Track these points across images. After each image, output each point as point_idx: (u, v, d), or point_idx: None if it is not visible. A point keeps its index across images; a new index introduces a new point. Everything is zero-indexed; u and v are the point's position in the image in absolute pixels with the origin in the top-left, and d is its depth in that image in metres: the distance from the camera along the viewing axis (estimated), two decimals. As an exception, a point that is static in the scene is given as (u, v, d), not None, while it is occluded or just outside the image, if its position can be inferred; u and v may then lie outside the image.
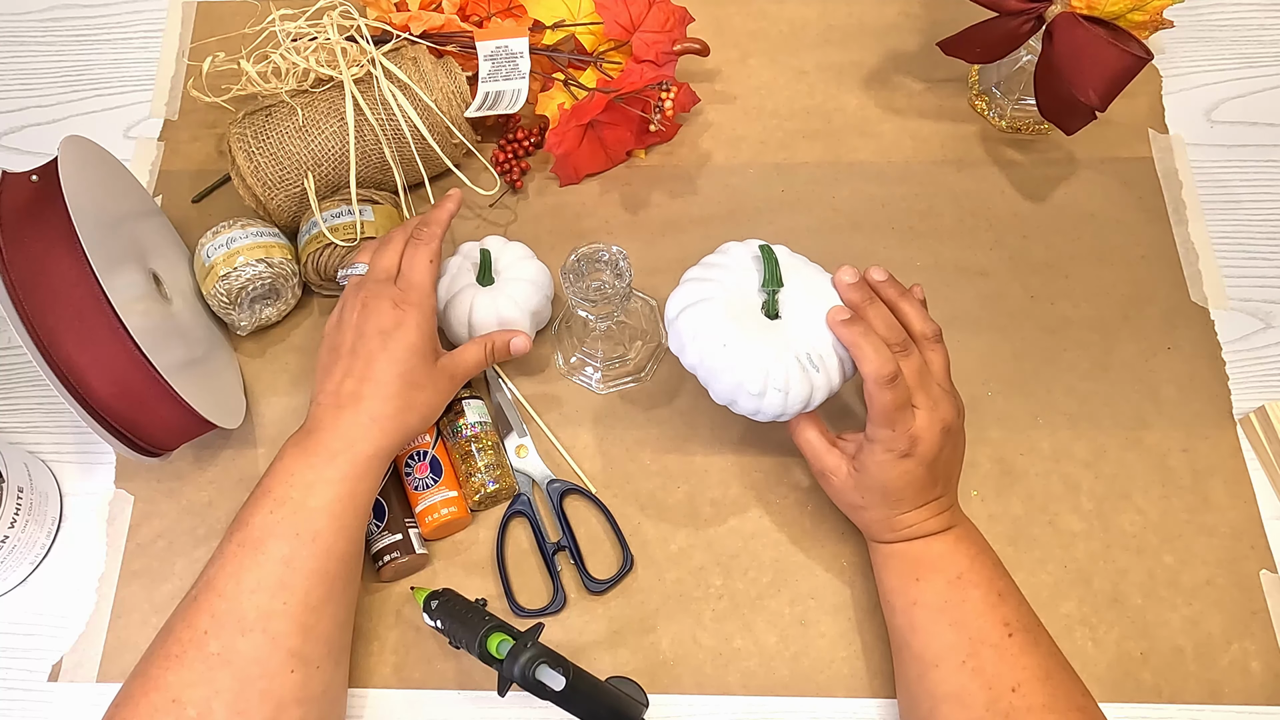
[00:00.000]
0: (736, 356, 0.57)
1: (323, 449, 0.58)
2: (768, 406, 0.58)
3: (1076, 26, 0.67)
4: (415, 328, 0.62)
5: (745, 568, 0.66)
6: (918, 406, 0.57)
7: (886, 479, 0.58)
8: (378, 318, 0.61)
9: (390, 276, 0.64)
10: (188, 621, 0.54)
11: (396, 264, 0.64)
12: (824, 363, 0.58)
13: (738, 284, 0.59)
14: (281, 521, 0.55)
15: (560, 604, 0.64)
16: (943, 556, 0.58)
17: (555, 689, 0.54)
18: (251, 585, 0.54)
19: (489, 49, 0.74)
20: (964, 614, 0.56)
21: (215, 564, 0.56)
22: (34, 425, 0.73)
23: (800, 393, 0.57)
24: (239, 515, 0.57)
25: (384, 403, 0.60)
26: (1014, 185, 0.78)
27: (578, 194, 0.79)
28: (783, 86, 0.83)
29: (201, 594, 0.55)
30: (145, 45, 0.88)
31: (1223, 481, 0.67)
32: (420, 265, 0.64)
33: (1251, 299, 0.73)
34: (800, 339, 0.58)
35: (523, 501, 0.67)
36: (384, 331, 0.61)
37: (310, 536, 0.55)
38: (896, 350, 0.57)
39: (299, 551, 0.55)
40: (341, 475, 0.57)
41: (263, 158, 0.71)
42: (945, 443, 0.57)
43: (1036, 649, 0.55)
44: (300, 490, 0.56)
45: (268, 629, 0.53)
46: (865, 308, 0.58)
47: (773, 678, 0.63)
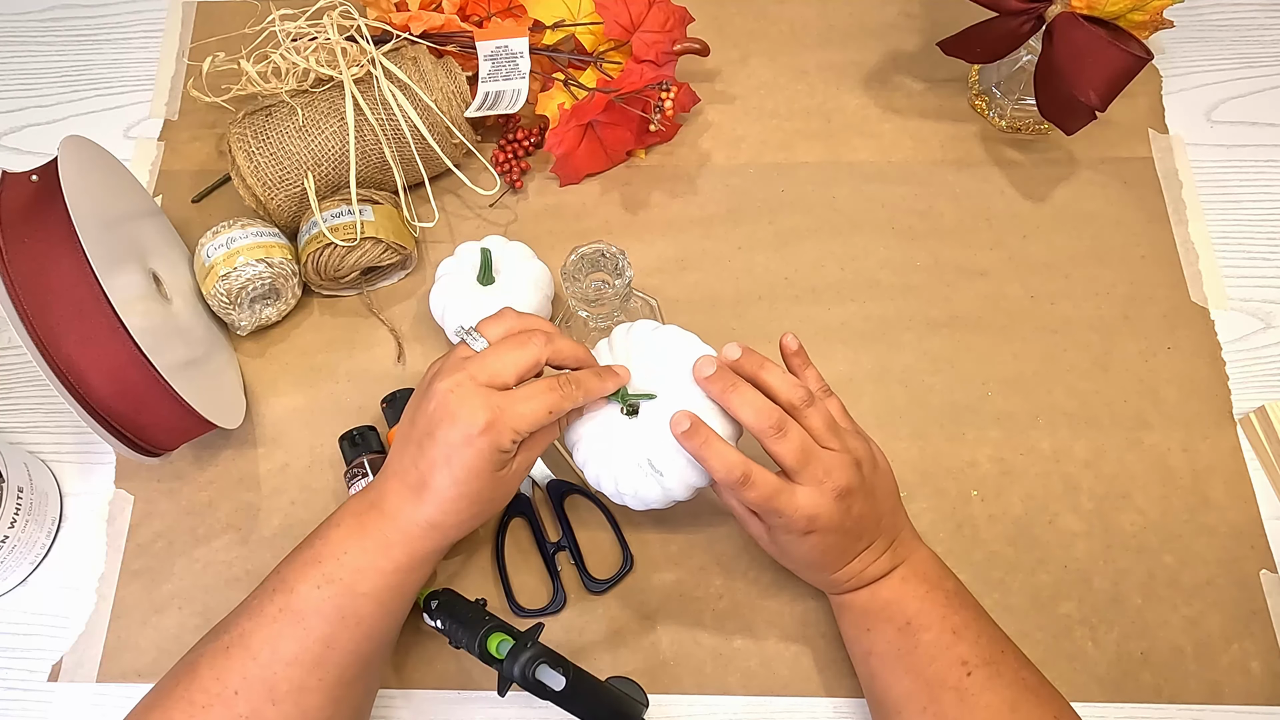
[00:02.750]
0: (587, 458, 0.58)
1: (380, 535, 0.54)
2: (629, 503, 0.58)
3: (1076, 26, 0.67)
4: (485, 456, 0.52)
5: (745, 568, 0.66)
6: (802, 483, 0.53)
7: (801, 553, 0.56)
8: (451, 429, 0.52)
9: (496, 385, 0.53)
10: (217, 673, 0.52)
11: (513, 375, 0.54)
12: (669, 466, 0.55)
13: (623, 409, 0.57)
14: (328, 600, 0.53)
15: (560, 604, 0.64)
16: (889, 604, 0.57)
17: (555, 689, 0.54)
18: (288, 658, 0.52)
19: (489, 49, 0.74)
20: (918, 660, 0.55)
21: (252, 619, 0.53)
22: (34, 425, 0.73)
23: (652, 495, 0.56)
24: (283, 572, 0.54)
25: (443, 513, 0.54)
26: (1014, 185, 0.78)
27: (578, 194, 0.79)
28: (783, 86, 0.83)
29: (235, 648, 0.53)
30: (145, 45, 0.88)
31: (1223, 481, 0.67)
32: (536, 410, 0.53)
33: (1251, 299, 0.73)
34: (646, 443, 0.55)
35: (523, 501, 0.67)
36: (451, 446, 0.53)
37: (355, 621, 0.53)
38: (772, 433, 0.53)
39: (340, 634, 0.53)
40: (395, 567, 0.54)
41: (263, 158, 0.71)
42: (850, 504, 0.54)
43: (999, 682, 0.54)
44: (350, 573, 0.53)
45: (299, 703, 0.52)
46: (730, 396, 0.54)
47: (773, 678, 0.63)
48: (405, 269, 0.76)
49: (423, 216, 0.77)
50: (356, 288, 0.75)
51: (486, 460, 0.53)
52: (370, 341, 0.74)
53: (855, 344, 0.72)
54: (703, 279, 0.74)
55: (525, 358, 0.54)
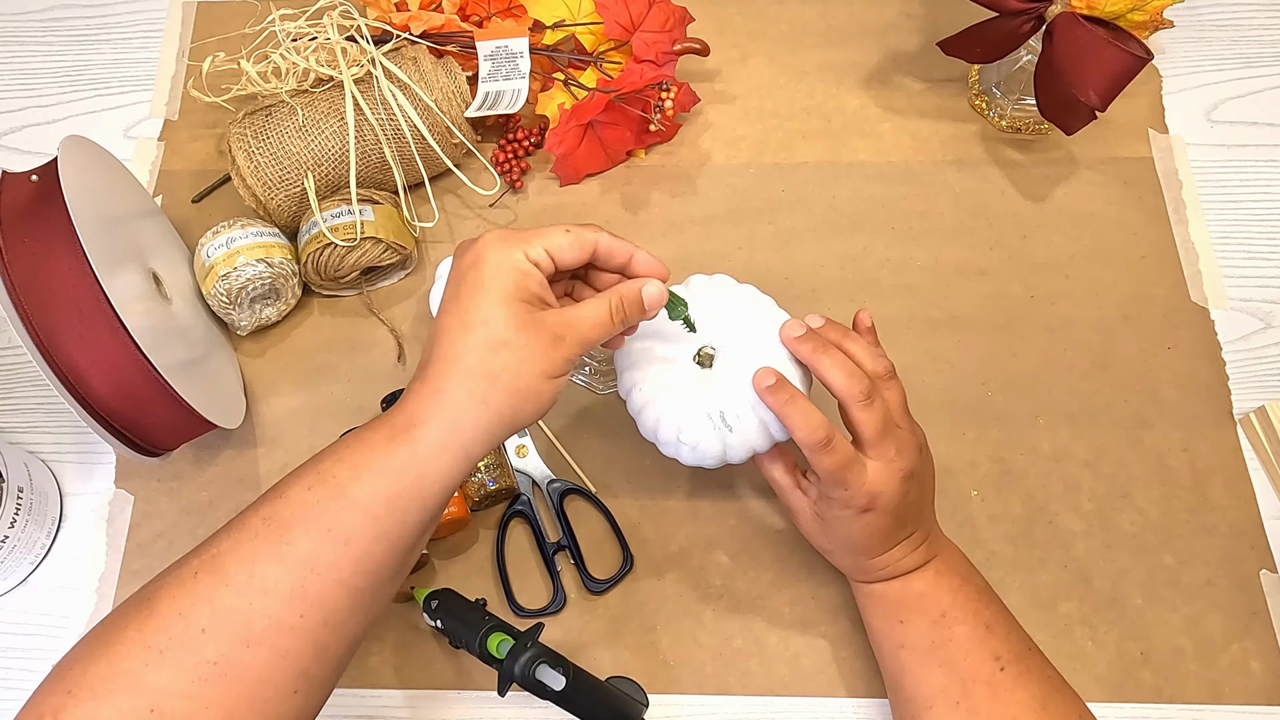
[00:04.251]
0: (648, 401, 0.56)
1: (386, 427, 0.46)
2: (680, 456, 0.56)
3: (1076, 26, 0.67)
4: (495, 264, 0.46)
5: (745, 568, 0.66)
6: (873, 459, 0.53)
7: (849, 533, 0.55)
8: (457, 258, 0.48)
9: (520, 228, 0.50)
10: (180, 608, 0.43)
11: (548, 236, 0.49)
12: (739, 423, 0.54)
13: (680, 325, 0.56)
14: (316, 505, 0.45)
15: (560, 604, 0.64)
16: (924, 596, 0.56)
17: (555, 689, 0.54)
18: (266, 583, 0.44)
19: (489, 49, 0.74)
20: (952, 653, 0.54)
21: (230, 535, 0.45)
22: (34, 425, 0.73)
23: (711, 450, 0.55)
24: (281, 480, 0.47)
25: (450, 368, 0.46)
26: (1014, 185, 0.78)
27: (578, 194, 0.79)
28: (783, 86, 0.83)
29: (205, 574, 0.44)
30: (145, 45, 0.88)
31: (1223, 481, 0.67)
32: (553, 226, 0.49)
33: (1251, 299, 0.73)
34: (720, 396, 0.55)
35: (523, 501, 0.67)
36: (458, 273, 0.47)
37: (343, 538, 0.45)
38: (860, 399, 0.52)
39: (326, 555, 0.44)
40: (396, 468, 0.45)
41: (263, 158, 0.71)
42: (909, 488, 0.54)
43: (1029, 678, 0.54)
44: (346, 471, 0.45)
45: (278, 644, 0.44)
46: (821, 357, 0.53)
47: (773, 678, 0.63)
48: (405, 269, 0.76)
49: (423, 216, 0.77)
50: (356, 288, 0.75)
51: (501, 269, 0.46)
52: (370, 341, 0.74)
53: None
54: (703, 279, 0.74)
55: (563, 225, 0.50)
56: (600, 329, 0.49)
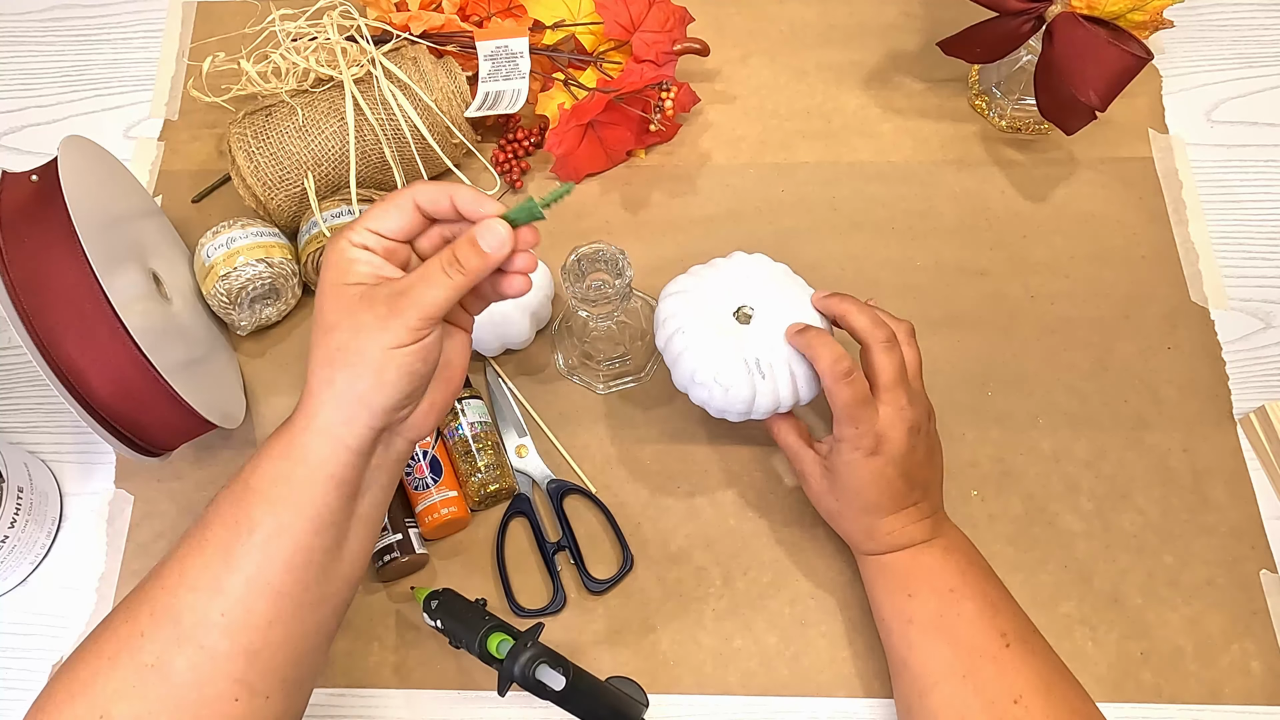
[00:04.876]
0: (689, 344, 0.60)
1: (285, 424, 0.49)
2: (712, 399, 0.60)
3: (1076, 26, 0.67)
4: (328, 261, 0.48)
5: (745, 568, 0.66)
6: (885, 404, 0.57)
7: (857, 479, 0.57)
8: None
9: None
10: (129, 614, 0.47)
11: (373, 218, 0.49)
12: (772, 371, 0.59)
13: (722, 287, 0.62)
14: (226, 499, 0.48)
15: (560, 604, 0.64)
16: (933, 570, 0.58)
17: (555, 689, 0.54)
18: (189, 579, 0.46)
19: (489, 49, 0.74)
20: (959, 628, 0.55)
21: (178, 547, 0.49)
22: (34, 425, 0.73)
23: (742, 393, 0.59)
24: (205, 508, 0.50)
25: (307, 365, 0.48)
26: (1014, 185, 0.78)
27: (578, 194, 0.79)
28: (783, 86, 0.83)
29: (148, 582, 0.48)
30: (145, 45, 0.88)
31: (1223, 481, 0.67)
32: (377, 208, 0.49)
33: (1251, 299, 0.73)
34: (756, 346, 0.60)
35: (523, 501, 0.67)
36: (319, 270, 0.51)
37: (248, 527, 0.46)
38: (883, 342, 0.58)
39: (234, 545, 0.46)
40: (279, 453, 0.47)
41: (263, 158, 0.71)
42: (915, 443, 0.57)
43: (1034, 658, 0.55)
44: (249, 467, 0.48)
45: (204, 644, 0.45)
46: (849, 306, 0.59)
47: (773, 678, 0.63)
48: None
49: (423, 216, 0.77)
50: (356, 288, 0.75)
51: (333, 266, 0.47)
52: (370, 341, 0.74)
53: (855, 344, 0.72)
54: (703, 279, 0.74)
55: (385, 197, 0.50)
56: (438, 287, 0.47)
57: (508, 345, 0.71)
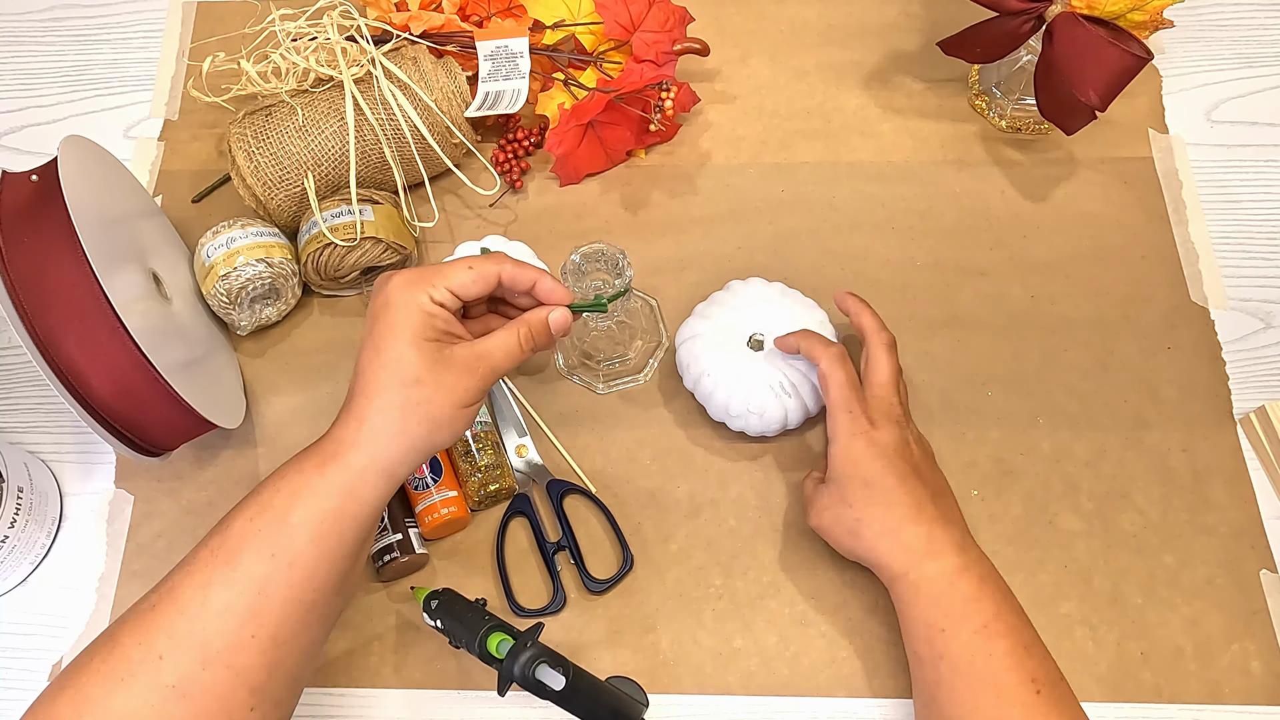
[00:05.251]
0: (717, 382, 0.65)
1: (316, 454, 0.51)
2: (750, 426, 0.66)
3: (1076, 26, 0.67)
4: (403, 307, 0.51)
5: (745, 568, 0.66)
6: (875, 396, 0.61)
7: (859, 461, 0.59)
8: (372, 298, 0.53)
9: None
10: (140, 638, 0.47)
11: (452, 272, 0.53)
12: (795, 389, 0.65)
13: (732, 321, 0.67)
14: (259, 534, 0.49)
15: (560, 604, 0.64)
16: (968, 601, 0.55)
17: (555, 689, 0.54)
18: (219, 607, 0.48)
19: (489, 49, 0.74)
20: (991, 670, 0.54)
21: (183, 569, 0.49)
22: (34, 425, 0.73)
23: (775, 415, 0.65)
24: (225, 516, 0.51)
25: (370, 402, 0.51)
26: (1014, 185, 0.78)
27: (578, 194, 0.79)
28: (783, 86, 0.83)
29: (162, 604, 0.48)
30: (145, 45, 0.88)
31: (1223, 481, 0.67)
32: (455, 263, 0.53)
33: (1251, 299, 0.73)
34: (776, 368, 0.66)
35: (523, 501, 0.67)
36: (372, 315, 0.52)
37: (287, 560, 0.48)
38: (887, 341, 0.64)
39: (273, 577, 0.48)
40: (328, 490, 0.50)
41: (263, 158, 0.71)
42: (907, 438, 0.61)
43: (1064, 704, 0.53)
44: (285, 499, 0.50)
45: (232, 664, 0.47)
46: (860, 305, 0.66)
47: (773, 678, 0.63)
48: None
49: (423, 216, 0.77)
50: (356, 288, 0.75)
51: (406, 311, 0.50)
52: (370, 341, 0.74)
53: (855, 344, 0.72)
54: (703, 279, 0.74)
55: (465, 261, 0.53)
56: (510, 358, 0.54)
57: (508, 345, 0.71)
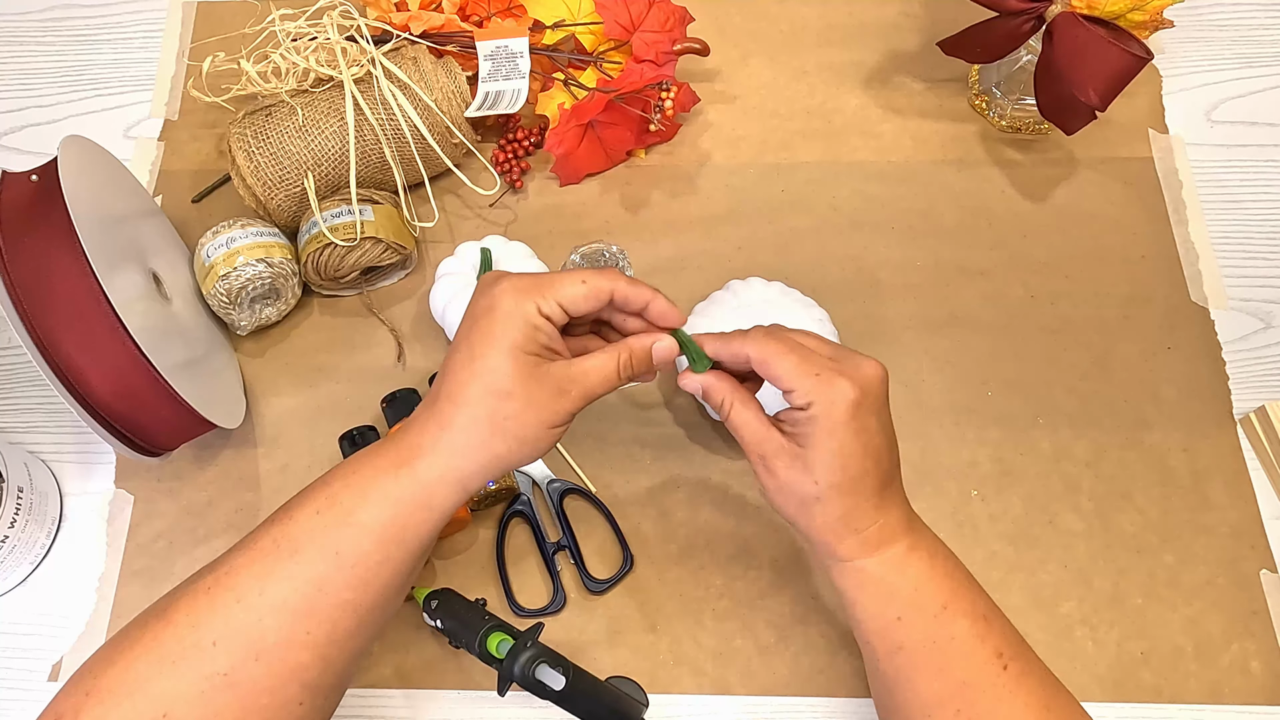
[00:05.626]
0: None
1: (392, 452, 0.49)
2: None
3: (1076, 26, 0.67)
4: (509, 315, 0.47)
5: (745, 568, 0.66)
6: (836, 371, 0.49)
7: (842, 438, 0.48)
8: (475, 297, 0.50)
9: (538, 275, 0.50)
10: (194, 620, 0.46)
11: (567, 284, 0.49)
12: None
13: (732, 319, 0.65)
14: (325, 530, 0.47)
15: (560, 604, 0.65)
16: (921, 585, 0.51)
17: (555, 689, 0.54)
18: (277, 601, 0.46)
19: (489, 49, 0.74)
20: (952, 655, 0.50)
21: (243, 553, 0.48)
22: (34, 425, 0.73)
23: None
24: (289, 501, 0.49)
25: (457, 409, 0.48)
26: (1014, 185, 0.78)
27: (578, 194, 0.79)
28: (783, 86, 0.83)
29: (219, 589, 0.47)
30: (145, 45, 0.88)
31: (1223, 481, 0.67)
32: (569, 275, 0.50)
33: (1251, 299, 0.73)
34: None
35: (523, 501, 0.67)
36: (472, 316, 0.49)
37: (350, 561, 0.47)
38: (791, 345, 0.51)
39: (334, 576, 0.47)
40: (400, 495, 0.48)
41: (263, 158, 0.71)
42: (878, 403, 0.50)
43: (1031, 678, 0.51)
44: (353, 496, 0.48)
45: (286, 658, 0.46)
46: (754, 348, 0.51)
47: (773, 678, 0.63)
48: (405, 269, 0.76)
49: (423, 216, 0.77)
50: (356, 288, 0.75)
51: (509, 318, 0.47)
52: (370, 341, 0.74)
53: (855, 344, 0.72)
54: (703, 279, 0.74)
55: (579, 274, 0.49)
56: (606, 383, 0.51)
57: (508, 345, 0.70)
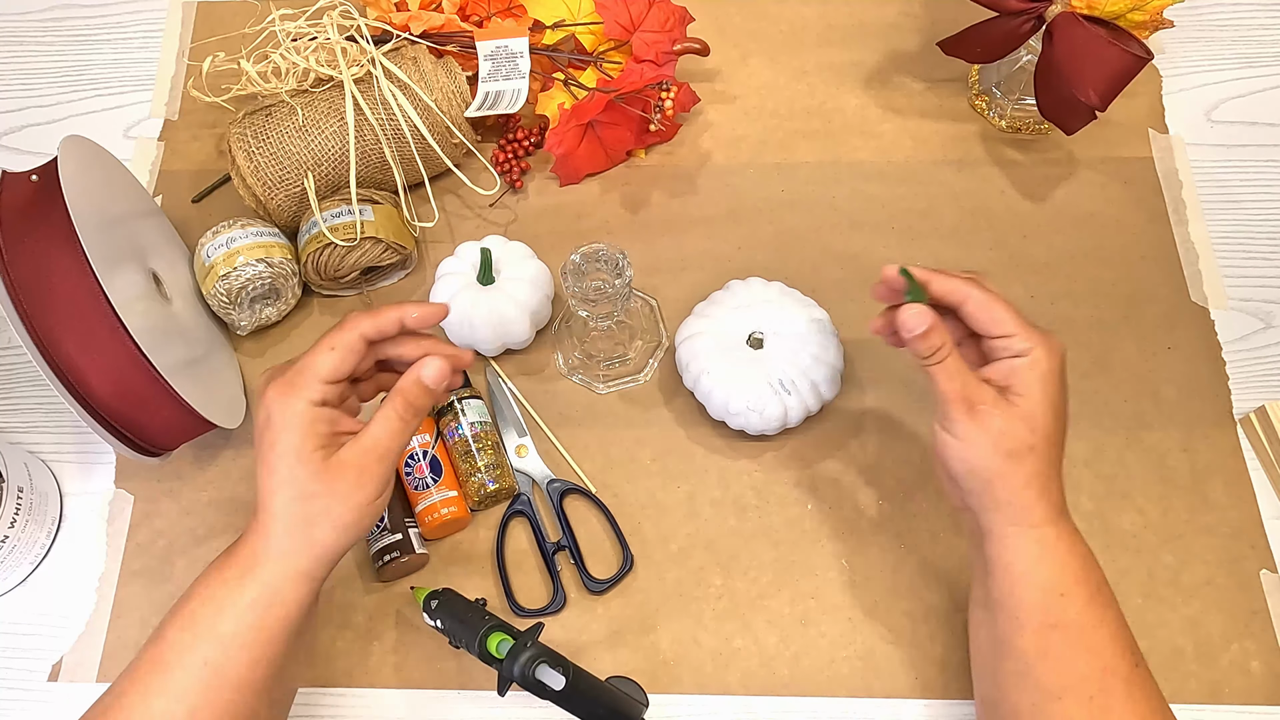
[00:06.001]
0: (716, 381, 0.65)
1: (234, 563, 0.51)
2: (750, 424, 0.65)
3: (1076, 26, 0.67)
4: (285, 422, 0.50)
5: (745, 568, 0.66)
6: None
7: (1054, 390, 0.51)
8: (255, 410, 0.52)
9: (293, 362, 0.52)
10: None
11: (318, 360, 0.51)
12: (795, 385, 0.64)
13: (731, 319, 0.67)
14: (191, 645, 0.49)
15: (560, 604, 0.64)
16: (1085, 564, 0.52)
17: (555, 689, 0.54)
18: (161, 714, 0.49)
19: (489, 49, 0.74)
20: (1103, 638, 0.50)
21: (129, 676, 0.50)
22: (34, 425, 0.73)
23: (774, 413, 0.64)
24: (163, 619, 0.52)
25: (273, 519, 0.50)
26: (1014, 185, 0.78)
27: (578, 194, 0.79)
28: (783, 86, 0.83)
29: (111, 711, 0.49)
30: (145, 45, 0.88)
31: (1223, 481, 0.67)
32: (315, 349, 0.52)
33: (1251, 299, 0.73)
34: (775, 366, 0.65)
35: (523, 501, 0.67)
36: (258, 431, 0.51)
37: (222, 669, 0.49)
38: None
39: (211, 682, 0.49)
40: (251, 600, 0.50)
41: (263, 158, 0.71)
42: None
43: (1151, 681, 0.51)
44: (210, 611, 0.50)
45: None
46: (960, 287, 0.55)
47: (773, 678, 0.63)
48: (405, 269, 0.76)
49: (423, 216, 0.77)
50: (356, 288, 0.75)
51: (287, 429, 0.49)
52: (370, 341, 0.74)
53: (855, 344, 0.72)
54: (703, 279, 0.74)
55: (325, 342, 0.51)
56: (398, 438, 0.52)
57: (508, 345, 0.71)
